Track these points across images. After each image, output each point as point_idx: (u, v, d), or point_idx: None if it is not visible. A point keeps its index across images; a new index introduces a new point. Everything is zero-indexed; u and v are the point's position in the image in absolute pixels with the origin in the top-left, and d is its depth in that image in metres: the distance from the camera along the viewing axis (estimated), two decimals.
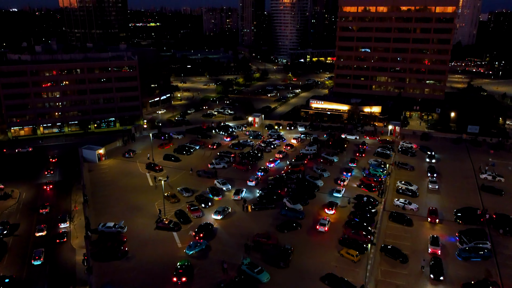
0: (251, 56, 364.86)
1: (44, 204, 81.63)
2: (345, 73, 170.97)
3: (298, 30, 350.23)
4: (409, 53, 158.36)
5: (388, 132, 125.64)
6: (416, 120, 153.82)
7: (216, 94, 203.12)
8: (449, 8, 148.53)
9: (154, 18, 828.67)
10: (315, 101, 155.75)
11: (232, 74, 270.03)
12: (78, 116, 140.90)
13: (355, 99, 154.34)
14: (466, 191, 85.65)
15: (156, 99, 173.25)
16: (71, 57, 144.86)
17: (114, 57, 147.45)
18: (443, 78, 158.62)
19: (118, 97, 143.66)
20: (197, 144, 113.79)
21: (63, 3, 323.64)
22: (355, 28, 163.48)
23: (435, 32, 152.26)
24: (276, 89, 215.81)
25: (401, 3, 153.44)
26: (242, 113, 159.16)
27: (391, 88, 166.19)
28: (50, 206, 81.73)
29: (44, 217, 78.34)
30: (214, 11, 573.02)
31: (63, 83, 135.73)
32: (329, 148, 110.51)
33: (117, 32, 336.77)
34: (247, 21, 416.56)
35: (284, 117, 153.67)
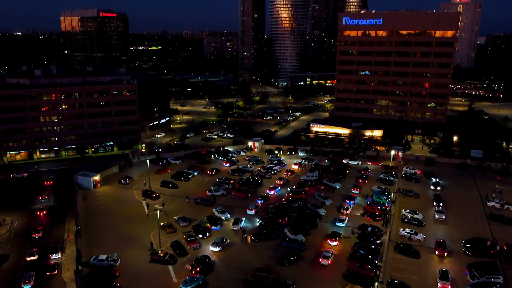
0: (251, 79, 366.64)
1: (37, 229, 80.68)
2: (345, 96, 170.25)
3: (297, 54, 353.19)
4: (410, 77, 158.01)
5: (391, 157, 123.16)
6: (418, 144, 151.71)
7: (216, 118, 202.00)
8: (449, 32, 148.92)
9: (156, 42, 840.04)
10: (316, 125, 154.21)
11: (232, 97, 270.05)
12: (75, 141, 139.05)
13: (356, 122, 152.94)
14: (474, 220, 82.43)
15: (155, 122, 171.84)
16: (70, 81, 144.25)
17: (113, 81, 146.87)
18: (445, 101, 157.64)
19: (117, 121, 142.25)
20: (196, 170, 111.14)
21: (65, 27, 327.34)
22: (355, 52, 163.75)
23: (435, 56, 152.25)
24: (276, 112, 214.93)
25: (401, 28, 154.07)
26: (242, 137, 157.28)
27: (392, 111, 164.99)
28: (43, 231, 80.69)
29: (36, 241, 77.20)
30: (214, 34, 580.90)
31: (61, 107, 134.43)
32: (331, 174, 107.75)
33: (118, 55, 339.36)
34: (247, 45, 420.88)
35: (285, 141, 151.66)
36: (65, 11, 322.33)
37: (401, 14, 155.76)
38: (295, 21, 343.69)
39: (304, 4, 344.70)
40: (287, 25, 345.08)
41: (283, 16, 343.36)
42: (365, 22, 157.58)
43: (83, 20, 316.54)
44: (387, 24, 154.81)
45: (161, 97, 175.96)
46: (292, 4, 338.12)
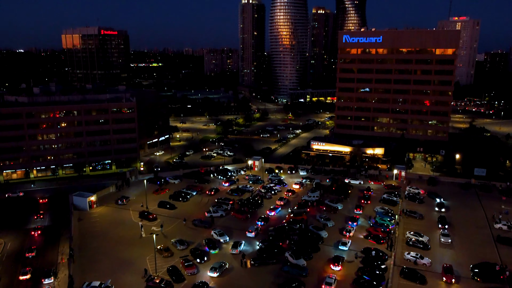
0: (251, 96, 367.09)
1: (31, 248, 79.15)
2: (346, 114, 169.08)
3: (297, 71, 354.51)
4: (411, 94, 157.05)
5: (393, 176, 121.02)
6: (420, 162, 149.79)
7: (215, 135, 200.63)
8: (449, 50, 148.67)
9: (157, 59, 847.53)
10: (316, 143, 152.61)
11: (232, 114, 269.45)
12: (73, 159, 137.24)
13: (357, 140, 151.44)
14: (481, 244, 79.73)
15: (155, 140, 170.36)
16: (69, 98, 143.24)
17: (112, 98, 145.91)
18: (446, 119, 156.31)
19: (115, 139, 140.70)
20: (194, 189, 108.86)
21: (66, 44, 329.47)
22: (355, 69, 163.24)
23: (436, 73, 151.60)
24: (277, 129, 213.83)
25: (401, 45, 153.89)
26: (242, 154, 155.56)
27: (393, 129, 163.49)
28: (37, 250, 79.19)
29: (30, 261, 75.67)
30: (215, 52, 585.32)
31: (59, 125, 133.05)
32: (333, 194, 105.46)
33: (118, 72, 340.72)
34: (247, 62, 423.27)
35: (285, 159, 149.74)
36: (67, 29, 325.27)
37: (401, 32, 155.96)
38: (294, 38, 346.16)
39: (303, 22, 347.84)
40: (287, 43, 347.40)
41: (283, 34, 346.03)
42: (365, 40, 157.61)
43: (84, 37, 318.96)
44: (387, 42, 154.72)
45: (161, 115, 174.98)
46: (291, 22, 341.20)
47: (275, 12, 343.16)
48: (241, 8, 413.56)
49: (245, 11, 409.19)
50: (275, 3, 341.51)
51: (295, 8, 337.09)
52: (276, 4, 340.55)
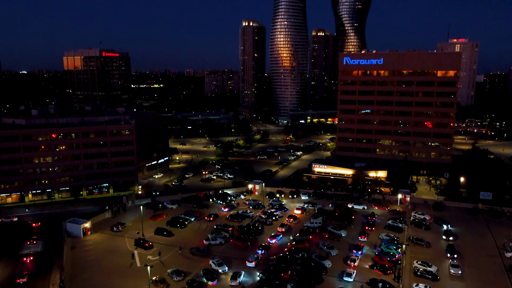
0: (251, 117, 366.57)
1: (22, 273, 76.59)
2: (347, 136, 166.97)
3: (298, 92, 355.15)
4: (413, 116, 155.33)
5: (398, 201, 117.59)
6: (424, 185, 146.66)
7: (215, 157, 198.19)
8: (451, 72, 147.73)
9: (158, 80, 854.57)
10: (318, 165, 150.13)
11: (232, 135, 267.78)
12: (70, 182, 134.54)
13: (359, 163, 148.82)
14: (493, 274, 75.84)
15: (154, 162, 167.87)
16: (67, 121, 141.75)
17: (111, 120, 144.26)
18: (449, 141, 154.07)
19: (113, 162, 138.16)
20: (193, 215, 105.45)
21: (67, 66, 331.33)
22: (356, 91, 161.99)
23: (438, 95, 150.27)
24: (277, 151, 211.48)
25: (402, 67, 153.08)
26: (242, 177, 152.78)
27: (395, 151, 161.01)
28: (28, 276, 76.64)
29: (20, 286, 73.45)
30: (216, 73, 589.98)
31: (56, 148, 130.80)
32: (336, 220, 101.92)
33: (119, 94, 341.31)
34: (248, 83, 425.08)
35: (286, 182, 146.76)
36: (68, 51, 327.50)
37: (402, 54, 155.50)
38: (295, 60, 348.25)
39: (303, 44, 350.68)
40: (287, 64, 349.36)
41: (283, 56, 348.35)
42: (366, 62, 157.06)
43: (85, 59, 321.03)
44: (388, 64, 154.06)
45: (160, 137, 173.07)
46: (292, 44, 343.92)
47: (275, 34, 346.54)
48: (241, 31, 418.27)
49: (245, 34, 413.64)
50: (275, 26, 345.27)
51: (295, 30, 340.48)
52: (276, 27, 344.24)
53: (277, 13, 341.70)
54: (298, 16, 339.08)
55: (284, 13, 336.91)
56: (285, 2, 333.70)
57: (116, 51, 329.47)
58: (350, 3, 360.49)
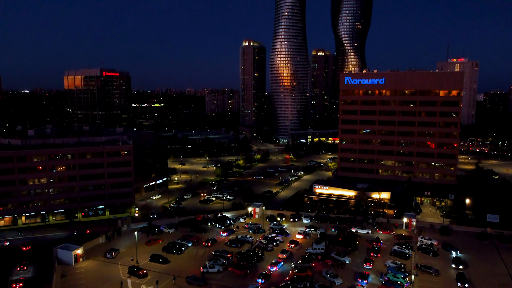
0: (252, 136, 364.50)
1: None
2: (349, 156, 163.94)
3: (298, 111, 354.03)
4: (416, 136, 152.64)
5: (403, 225, 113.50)
6: (429, 207, 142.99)
7: (215, 177, 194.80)
8: (454, 91, 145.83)
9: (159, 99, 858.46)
10: (319, 186, 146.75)
11: (232, 155, 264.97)
12: (65, 204, 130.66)
13: (361, 184, 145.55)
14: None
15: (152, 183, 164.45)
16: (64, 141, 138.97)
17: (108, 141, 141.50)
18: (453, 162, 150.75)
19: (110, 183, 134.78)
20: (190, 240, 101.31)
21: (68, 85, 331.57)
22: (357, 111, 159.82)
23: (441, 115, 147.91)
24: (278, 171, 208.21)
25: (404, 87, 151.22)
26: (242, 199, 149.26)
27: (398, 172, 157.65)
28: None
29: None
30: (216, 92, 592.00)
31: (52, 169, 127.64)
32: (339, 246, 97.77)
33: (119, 113, 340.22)
34: (248, 102, 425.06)
35: (287, 204, 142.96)
36: (69, 70, 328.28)
37: (404, 73, 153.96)
38: (295, 79, 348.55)
39: (304, 64, 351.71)
40: (288, 84, 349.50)
41: (284, 75, 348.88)
42: (367, 81, 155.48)
43: (86, 79, 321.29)
44: (390, 84, 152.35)
45: (159, 157, 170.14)
46: (292, 63, 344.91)
47: (275, 54, 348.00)
48: (242, 51, 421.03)
49: (246, 53, 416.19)
50: (275, 45, 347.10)
51: (295, 50, 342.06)
52: (276, 46, 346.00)
53: (277, 33, 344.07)
54: (298, 36, 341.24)
55: (284, 33, 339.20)
56: (285, 22, 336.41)
57: (117, 71, 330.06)
58: (350, 23, 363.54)
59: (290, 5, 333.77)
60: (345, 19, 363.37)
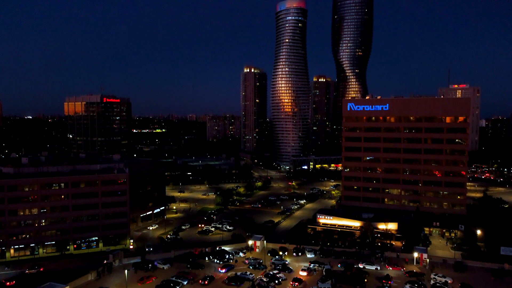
0: (253, 163, 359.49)
1: None
2: (353, 184, 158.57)
3: (300, 137, 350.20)
4: (422, 164, 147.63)
5: (414, 260, 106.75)
6: (438, 238, 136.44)
7: (215, 205, 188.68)
8: (460, 118, 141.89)
9: (161, 125, 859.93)
10: (323, 216, 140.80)
11: (233, 182, 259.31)
12: (56, 236, 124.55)
13: (367, 214, 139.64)
14: None
15: (149, 212, 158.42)
16: (58, 169, 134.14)
17: (104, 169, 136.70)
18: (462, 191, 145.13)
19: (104, 214, 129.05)
20: (186, 277, 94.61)
21: (68, 111, 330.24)
22: (361, 138, 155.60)
23: (448, 142, 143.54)
24: (279, 199, 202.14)
25: (409, 113, 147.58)
26: (242, 229, 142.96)
27: (405, 201, 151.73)
28: None
29: None
30: (217, 118, 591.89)
31: (43, 199, 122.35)
32: (346, 284, 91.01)
33: (119, 139, 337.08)
34: (249, 128, 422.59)
35: (289, 235, 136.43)
36: (70, 96, 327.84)
37: (409, 100, 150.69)
38: (296, 106, 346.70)
39: (305, 90, 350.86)
40: (289, 110, 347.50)
41: (285, 101, 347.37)
42: (371, 107, 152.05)
43: (86, 105, 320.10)
44: (394, 110, 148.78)
45: (157, 185, 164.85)
46: (293, 90, 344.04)
47: (276, 80, 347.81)
48: (243, 77, 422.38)
49: (247, 79, 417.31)
50: (276, 72, 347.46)
51: (296, 76, 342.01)
52: (277, 73, 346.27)
53: (278, 60, 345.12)
54: (299, 62, 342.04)
55: (285, 60, 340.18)
56: (286, 48, 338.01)
57: (118, 97, 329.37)
58: (351, 50, 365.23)
59: (291, 31, 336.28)
60: (345, 46, 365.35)
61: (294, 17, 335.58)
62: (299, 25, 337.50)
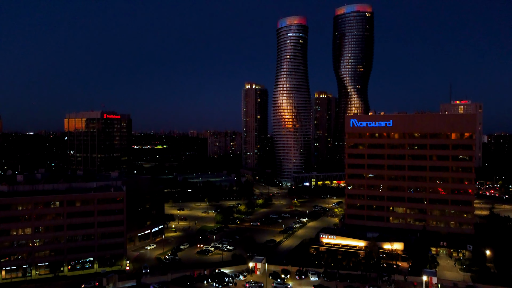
0: (254, 179, 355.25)
1: None
2: (357, 203, 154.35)
3: (301, 154, 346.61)
4: (428, 182, 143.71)
5: (423, 284, 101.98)
6: (445, 259, 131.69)
7: (215, 224, 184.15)
8: (466, 134, 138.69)
9: (162, 141, 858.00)
10: (326, 236, 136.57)
11: (234, 199, 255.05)
12: (50, 257, 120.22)
13: (371, 233, 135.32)
14: None
15: (147, 231, 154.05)
16: (53, 187, 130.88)
17: (101, 187, 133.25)
18: (470, 209, 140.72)
19: (100, 233, 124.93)
20: None
21: (68, 127, 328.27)
22: (364, 154, 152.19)
23: (454, 159, 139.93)
24: (281, 217, 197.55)
25: (414, 130, 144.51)
26: (243, 249, 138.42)
27: (410, 220, 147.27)
28: None
29: None
30: (218, 134, 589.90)
31: (38, 218, 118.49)
32: None
33: (119, 156, 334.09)
34: (250, 144, 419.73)
35: (292, 255, 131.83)
36: (70, 113, 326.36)
37: (413, 116, 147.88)
38: (298, 122, 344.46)
39: (306, 106, 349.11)
40: (290, 126, 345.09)
41: (286, 117, 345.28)
42: (374, 124, 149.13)
43: (87, 121, 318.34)
44: (398, 126, 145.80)
45: (155, 203, 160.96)
46: (294, 106, 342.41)
47: (278, 96, 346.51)
48: (244, 93, 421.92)
49: (248, 96, 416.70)
50: (277, 88, 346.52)
51: (297, 92, 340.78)
52: (278, 89, 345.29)
53: (279, 76, 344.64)
54: (300, 78, 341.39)
55: (286, 76, 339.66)
56: (287, 64, 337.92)
57: (118, 113, 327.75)
58: (352, 66, 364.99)
59: (292, 48, 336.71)
60: (347, 62, 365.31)
61: (295, 34, 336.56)
62: (300, 41, 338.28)
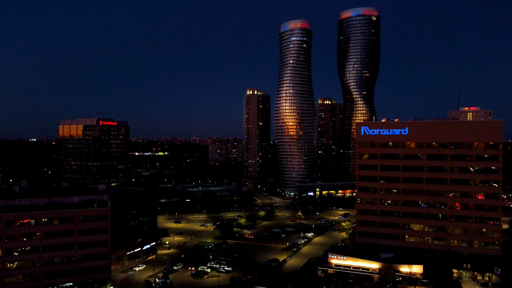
0: (256, 189, 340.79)
1: None
2: (369, 219, 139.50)
3: (305, 162, 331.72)
4: (448, 196, 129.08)
5: None
6: (469, 283, 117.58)
7: (213, 239, 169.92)
8: (491, 143, 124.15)
9: (164, 148, 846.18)
10: (335, 256, 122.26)
11: (234, 210, 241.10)
12: (23, 283, 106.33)
13: (386, 253, 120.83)
14: None
15: (137, 249, 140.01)
16: (31, 202, 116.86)
17: (85, 201, 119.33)
18: (496, 228, 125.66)
19: (81, 255, 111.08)
20: None
21: (63, 133, 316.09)
22: (377, 166, 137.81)
23: (478, 172, 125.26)
24: (285, 231, 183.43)
25: (431, 139, 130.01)
26: (242, 270, 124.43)
27: (429, 239, 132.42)
28: None
29: None
30: (220, 141, 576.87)
31: (9, 239, 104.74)
32: None
33: (115, 164, 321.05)
34: (252, 152, 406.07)
35: (297, 278, 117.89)
36: (65, 120, 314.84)
37: (431, 123, 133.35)
38: (301, 129, 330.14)
39: (310, 113, 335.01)
40: (293, 133, 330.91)
41: (289, 124, 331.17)
42: (388, 132, 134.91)
43: (82, 128, 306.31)
44: (415, 135, 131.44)
45: (147, 218, 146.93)
46: (298, 112, 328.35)
47: (280, 102, 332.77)
48: (246, 100, 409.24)
49: (250, 102, 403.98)
50: (280, 94, 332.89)
51: (301, 98, 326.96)
52: (281, 95, 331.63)
53: (282, 81, 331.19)
54: (304, 84, 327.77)
55: (289, 81, 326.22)
56: (290, 70, 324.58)
57: (115, 120, 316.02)
58: (357, 71, 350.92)
59: (295, 52, 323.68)
60: (352, 67, 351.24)
61: (298, 38, 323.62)
62: (304, 45, 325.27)
